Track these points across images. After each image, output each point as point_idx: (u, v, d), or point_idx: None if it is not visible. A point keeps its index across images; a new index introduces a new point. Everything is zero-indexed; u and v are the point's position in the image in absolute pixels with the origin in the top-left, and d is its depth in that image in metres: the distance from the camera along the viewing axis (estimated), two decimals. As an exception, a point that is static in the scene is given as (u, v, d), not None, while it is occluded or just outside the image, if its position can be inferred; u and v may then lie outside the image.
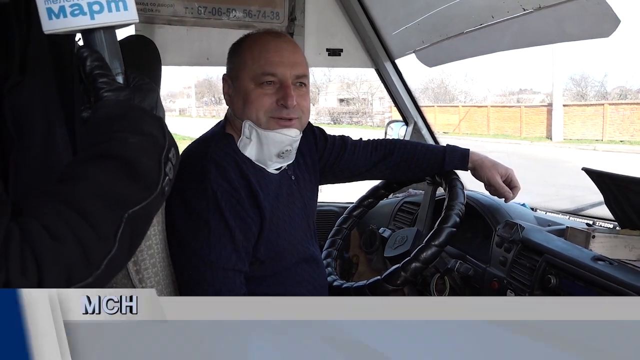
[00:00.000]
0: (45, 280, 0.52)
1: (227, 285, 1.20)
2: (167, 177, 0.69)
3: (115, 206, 0.62)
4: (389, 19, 2.39)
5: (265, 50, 1.33)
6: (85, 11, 0.67)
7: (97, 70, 0.72)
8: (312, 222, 1.51)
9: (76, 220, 0.58)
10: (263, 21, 2.39)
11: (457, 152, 1.72)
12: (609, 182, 1.43)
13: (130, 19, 0.70)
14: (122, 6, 0.69)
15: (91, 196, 0.60)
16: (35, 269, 0.52)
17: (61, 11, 0.67)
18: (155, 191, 0.67)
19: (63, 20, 0.67)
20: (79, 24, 0.68)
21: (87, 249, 0.57)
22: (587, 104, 23.57)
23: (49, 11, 0.67)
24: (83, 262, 0.57)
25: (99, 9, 0.68)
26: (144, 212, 0.65)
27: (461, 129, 26.81)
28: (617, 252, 1.39)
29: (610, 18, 1.43)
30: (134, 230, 0.64)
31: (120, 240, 0.61)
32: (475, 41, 2.00)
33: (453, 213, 1.54)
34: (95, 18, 0.67)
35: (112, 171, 0.64)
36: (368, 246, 2.29)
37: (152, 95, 0.77)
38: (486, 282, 1.60)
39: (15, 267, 0.51)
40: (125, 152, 0.66)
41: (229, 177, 1.26)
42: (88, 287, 0.57)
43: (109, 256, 0.59)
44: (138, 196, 0.65)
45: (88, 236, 0.58)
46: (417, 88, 31.12)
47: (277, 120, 1.33)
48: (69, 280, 0.55)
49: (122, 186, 0.64)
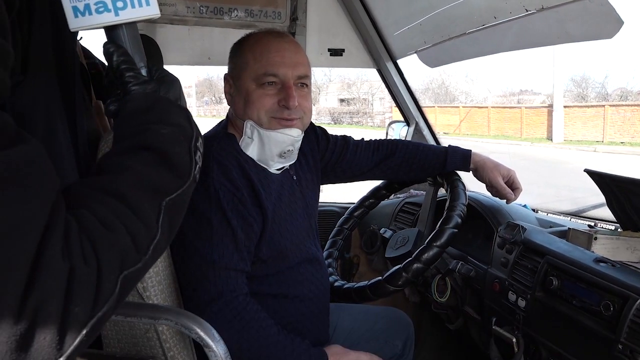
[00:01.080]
0: (103, 268, 0.55)
1: (229, 285, 1.20)
2: (197, 165, 0.73)
3: (155, 195, 0.65)
4: (391, 19, 2.39)
5: (267, 50, 1.32)
6: (109, 8, 0.70)
7: (123, 65, 0.75)
8: (314, 222, 1.51)
9: (123, 210, 0.61)
10: (265, 21, 2.39)
11: (458, 153, 1.72)
12: (610, 183, 1.43)
13: (153, 13, 0.72)
14: (145, 2, 0.71)
15: (133, 186, 0.63)
16: (94, 257, 0.55)
17: (86, 9, 0.69)
18: (188, 179, 0.71)
19: (88, 18, 0.70)
20: (104, 21, 0.71)
21: (136, 237, 0.60)
22: (587, 105, 23.58)
23: (75, 9, 0.69)
24: (133, 249, 0.60)
25: (123, 5, 0.70)
26: (179, 199, 0.68)
27: (462, 130, 26.83)
28: (619, 253, 1.39)
29: (613, 19, 1.42)
30: (171, 217, 0.67)
31: (162, 226, 0.64)
32: (478, 42, 2.00)
33: (455, 214, 1.54)
34: (119, 14, 0.70)
35: (149, 162, 0.67)
36: (369, 247, 2.29)
37: (176, 86, 0.81)
38: (487, 283, 1.60)
39: (78, 255, 0.53)
40: (159, 143, 0.69)
41: (231, 177, 1.26)
42: (138, 272, 0.60)
43: (154, 242, 0.63)
44: (174, 184, 0.68)
45: (135, 225, 0.61)
46: (417, 88, 31.12)
47: (278, 121, 1.32)
48: (122, 266, 0.58)
49: (159, 176, 0.67)
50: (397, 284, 1.51)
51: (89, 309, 0.53)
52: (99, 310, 0.54)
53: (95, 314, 0.54)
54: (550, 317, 1.35)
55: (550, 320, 1.35)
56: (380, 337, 1.64)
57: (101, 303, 0.54)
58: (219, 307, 1.17)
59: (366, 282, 1.58)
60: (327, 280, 1.51)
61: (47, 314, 0.49)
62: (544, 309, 1.37)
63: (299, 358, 1.20)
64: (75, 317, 0.51)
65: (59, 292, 0.50)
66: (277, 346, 1.19)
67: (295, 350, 1.20)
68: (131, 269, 0.59)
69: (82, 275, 0.53)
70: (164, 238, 0.65)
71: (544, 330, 1.36)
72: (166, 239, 0.66)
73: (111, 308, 0.56)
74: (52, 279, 0.50)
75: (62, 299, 0.50)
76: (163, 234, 0.64)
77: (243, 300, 1.20)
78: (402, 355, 1.65)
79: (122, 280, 0.57)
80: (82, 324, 0.52)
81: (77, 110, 1.33)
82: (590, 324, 1.22)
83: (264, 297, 1.32)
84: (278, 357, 1.19)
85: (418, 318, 2.33)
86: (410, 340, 1.70)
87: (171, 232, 0.68)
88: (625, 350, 1.11)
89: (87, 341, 0.53)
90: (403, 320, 1.72)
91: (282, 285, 1.35)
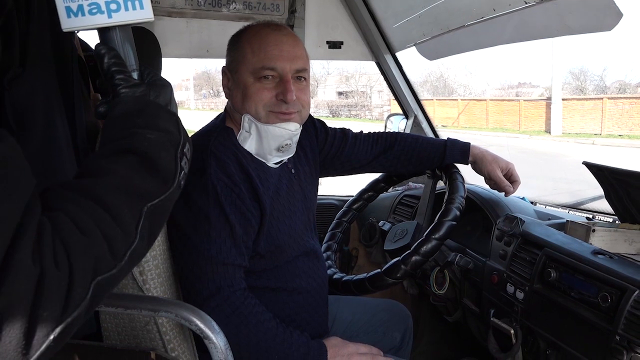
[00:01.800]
0: (75, 273, 0.54)
1: (227, 281, 1.20)
2: (183, 171, 0.73)
3: (136, 200, 0.64)
4: (389, 11, 2.38)
5: (265, 43, 1.31)
6: (102, 10, 0.70)
7: (114, 67, 0.74)
8: (312, 215, 1.51)
9: (101, 215, 0.60)
10: (263, 13, 2.38)
11: (457, 146, 1.72)
12: (609, 176, 1.43)
13: (146, 17, 0.73)
14: (139, 5, 0.72)
15: (114, 191, 0.62)
16: (67, 262, 0.54)
17: (79, 10, 0.69)
18: (172, 185, 0.70)
19: (81, 19, 0.70)
20: (97, 22, 0.71)
21: (112, 242, 0.59)
22: (586, 98, 23.60)
23: (68, 10, 0.69)
24: (109, 254, 0.59)
25: (116, 7, 0.70)
26: (162, 205, 0.67)
27: (460, 123, 26.82)
28: (617, 245, 1.39)
29: (612, 12, 1.42)
30: (152, 223, 0.66)
31: (141, 232, 0.63)
32: (477, 34, 1.99)
33: (453, 206, 1.54)
34: (112, 17, 0.70)
35: (133, 166, 0.66)
36: (368, 239, 2.29)
37: (166, 91, 0.80)
38: (486, 275, 1.61)
39: (49, 259, 0.52)
40: (145, 148, 0.68)
41: (229, 172, 1.25)
42: (112, 278, 0.59)
43: (131, 248, 0.62)
44: (157, 190, 0.67)
45: (113, 230, 0.60)
46: (416, 81, 31.00)
47: (276, 115, 1.32)
48: (95, 272, 0.57)
49: (143, 181, 0.66)
50: (396, 276, 1.52)
51: (58, 314, 0.52)
52: (68, 316, 0.53)
53: (64, 319, 0.53)
54: (548, 309, 1.36)
55: (548, 312, 1.36)
56: (379, 329, 1.65)
57: (71, 309, 0.53)
58: (217, 303, 1.17)
59: (365, 275, 1.58)
60: (325, 272, 1.51)
61: (14, 317, 0.48)
62: (542, 300, 1.38)
63: (297, 351, 1.20)
64: (43, 322, 0.50)
65: (27, 295, 0.49)
66: (275, 340, 1.19)
67: (294, 343, 1.21)
68: (105, 274, 0.58)
69: (53, 279, 0.52)
70: (143, 244, 0.64)
71: (542, 322, 1.37)
72: (145, 245, 0.65)
73: (81, 314, 0.55)
74: (20, 282, 0.49)
75: (29, 302, 0.49)
76: (142, 240, 0.64)
77: (241, 295, 1.21)
78: (401, 347, 1.67)
79: (94, 286, 0.56)
80: (50, 330, 0.51)
81: (76, 103, 1.32)
82: (588, 315, 1.22)
83: (263, 290, 1.32)
84: (277, 351, 1.19)
85: (417, 310, 2.34)
86: (409, 332, 1.71)
87: (151, 238, 0.67)
88: (623, 341, 1.12)
89: (54, 347, 0.52)
90: (402, 313, 1.73)
91: (280, 278, 1.36)
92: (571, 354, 1.27)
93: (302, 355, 1.21)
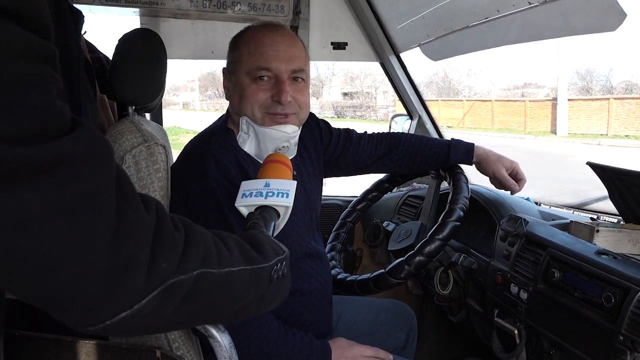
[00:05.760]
0: (187, 244, 0.61)
1: None
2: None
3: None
4: (394, 12, 2.38)
5: (260, 44, 1.30)
6: (263, 195, 0.99)
7: (253, 227, 0.91)
8: (315, 216, 1.50)
9: (216, 240, 0.68)
10: (268, 15, 2.38)
11: (461, 146, 1.72)
12: (613, 176, 1.43)
13: (288, 204, 0.98)
14: (286, 195, 0.99)
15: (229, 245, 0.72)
16: (183, 230, 0.61)
17: (250, 194, 1.00)
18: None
19: (248, 199, 0.99)
20: (257, 202, 0.98)
21: (221, 254, 0.67)
22: (592, 99, 23.47)
23: (243, 194, 1.00)
24: (215, 257, 0.65)
25: (272, 195, 0.99)
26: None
27: (465, 123, 26.74)
28: (621, 246, 1.39)
29: (616, 12, 1.42)
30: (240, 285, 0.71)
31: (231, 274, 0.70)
32: (481, 35, 1.99)
33: (457, 207, 1.55)
34: (267, 199, 0.98)
35: None
36: (372, 240, 2.30)
37: (271, 222, 0.96)
38: (490, 275, 1.61)
39: (167, 224, 0.59)
40: None
41: (228, 175, 1.25)
42: (213, 277, 0.64)
43: (231, 270, 0.68)
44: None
45: (222, 251, 0.67)
46: (420, 82, 31.00)
47: (272, 117, 1.31)
48: (203, 262, 0.62)
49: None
50: (400, 276, 1.52)
51: (173, 269, 0.57)
52: (180, 274, 0.58)
53: (176, 275, 0.58)
54: (551, 309, 1.35)
55: (551, 312, 1.35)
56: (383, 329, 1.65)
57: (182, 271, 0.58)
58: None
59: (369, 275, 1.59)
60: (329, 273, 1.51)
61: (139, 262, 0.53)
62: (545, 301, 1.38)
63: (301, 352, 1.21)
64: (159, 271, 0.56)
65: (147, 245, 0.55)
66: (278, 342, 1.19)
67: (297, 344, 1.21)
68: (210, 269, 0.63)
69: (171, 237, 0.58)
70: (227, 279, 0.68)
71: (546, 322, 1.37)
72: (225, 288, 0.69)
73: (184, 286, 0.59)
74: (142, 233, 0.55)
75: (149, 251, 0.55)
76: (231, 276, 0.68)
77: None
78: (405, 347, 1.67)
79: (198, 274, 0.60)
80: (164, 278, 0.56)
81: (82, 104, 1.33)
82: (591, 315, 1.22)
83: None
84: (280, 353, 1.19)
85: (421, 310, 2.34)
86: (413, 332, 1.71)
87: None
88: (626, 342, 1.11)
89: (161, 299, 0.56)
90: (406, 313, 1.73)
91: (284, 280, 1.36)
92: (575, 354, 1.27)
93: (305, 356, 1.21)
